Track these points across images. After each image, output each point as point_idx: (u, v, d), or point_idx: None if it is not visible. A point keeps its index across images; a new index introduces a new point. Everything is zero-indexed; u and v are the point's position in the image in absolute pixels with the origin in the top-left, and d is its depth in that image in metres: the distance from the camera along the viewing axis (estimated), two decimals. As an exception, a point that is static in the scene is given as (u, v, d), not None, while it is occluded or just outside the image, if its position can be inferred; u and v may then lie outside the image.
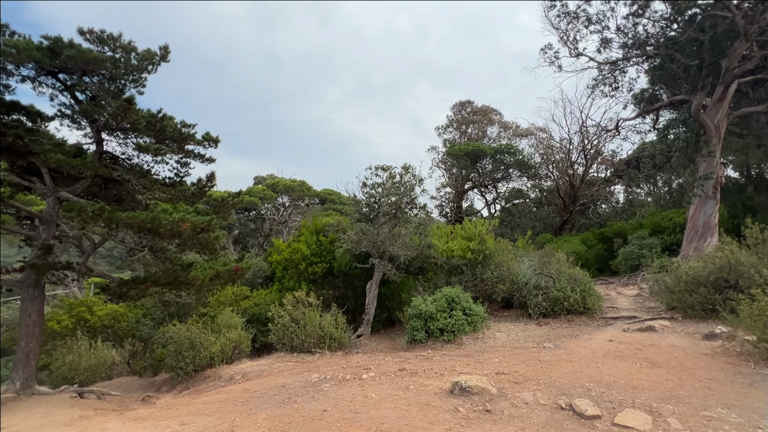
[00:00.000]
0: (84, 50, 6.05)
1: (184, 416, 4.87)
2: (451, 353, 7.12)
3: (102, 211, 5.89)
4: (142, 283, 7.08)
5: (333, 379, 5.61)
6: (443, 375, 5.35)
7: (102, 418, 5.32)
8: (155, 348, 9.50)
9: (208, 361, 7.95)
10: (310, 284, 11.52)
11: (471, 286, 9.97)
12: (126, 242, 8.06)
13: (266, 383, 6.07)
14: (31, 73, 6.43)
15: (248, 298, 11.18)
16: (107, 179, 7.37)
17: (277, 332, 8.45)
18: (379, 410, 4.19)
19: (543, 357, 6.05)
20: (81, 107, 6.63)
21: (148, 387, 8.80)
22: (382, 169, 9.73)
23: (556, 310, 8.81)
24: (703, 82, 12.63)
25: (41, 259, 6.37)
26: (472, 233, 10.85)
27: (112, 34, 6.33)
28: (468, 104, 27.52)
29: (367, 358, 7.32)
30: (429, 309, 7.89)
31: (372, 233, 9.74)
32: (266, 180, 29.44)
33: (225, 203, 7.93)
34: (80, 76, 6.55)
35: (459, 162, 23.61)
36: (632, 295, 10.83)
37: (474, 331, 7.97)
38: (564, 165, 23.69)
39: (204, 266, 7.43)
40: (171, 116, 7.12)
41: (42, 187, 6.77)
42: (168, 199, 7.90)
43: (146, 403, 6.69)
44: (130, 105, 6.21)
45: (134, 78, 6.78)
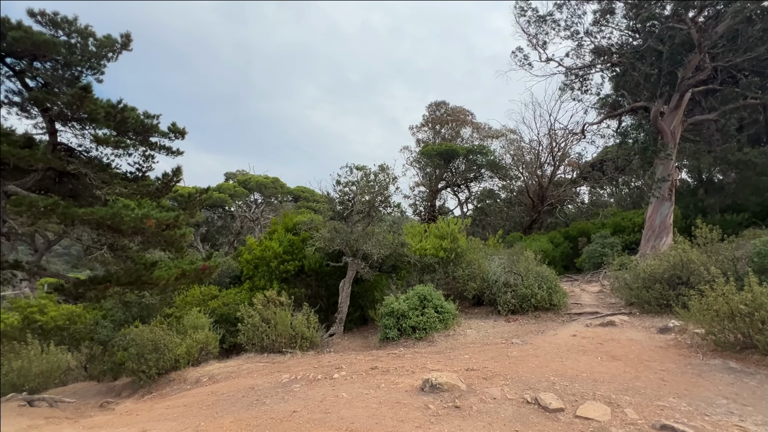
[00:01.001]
0: (34, 33, 5.63)
1: (145, 422, 4.65)
2: (422, 351, 7.19)
3: (56, 206, 5.51)
4: (100, 284, 6.71)
5: (304, 379, 5.53)
6: (414, 372, 5.39)
7: (54, 426, 5.00)
8: (115, 351, 9.02)
9: (173, 363, 7.64)
10: (282, 283, 11.30)
11: (443, 284, 10.10)
12: (83, 240, 7.59)
13: (234, 385, 5.90)
14: (-27, 56, 5.92)
15: (217, 298, 10.83)
16: (62, 173, 6.91)
17: (247, 332, 8.23)
18: (350, 410, 4.16)
19: (511, 353, 6.22)
20: (31, 95, 6.17)
21: (107, 392, 8.36)
22: (357, 168, 9.67)
23: (524, 306, 9.09)
24: (661, 90, 13.39)
25: (-15, 258, 5.90)
26: (444, 232, 11.00)
27: (67, 17, 5.93)
28: (443, 105, 27.88)
29: (339, 357, 7.27)
30: (401, 307, 7.92)
31: (345, 231, 9.67)
32: (237, 176, 28.62)
33: (192, 199, 7.63)
34: (30, 61, 6.10)
35: (433, 161, 23.88)
36: (595, 292, 11.33)
37: (445, 328, 8.08)
38: (533, 166, 24.47)
39: (169, 265, 7.13)
40: (133, 107, 6.77)
41: (-14, 179, 6.26)
42: (130, 195, 7.51)
43: (104, 410, 6.35)
44: (87, 93, 5.85)
45: (92, 65, 6.39)
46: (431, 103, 28.27)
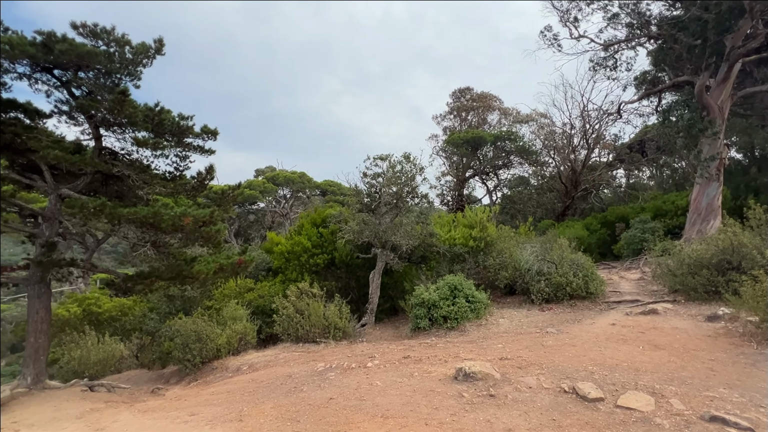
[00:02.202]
0: (77, 44, 5.97)
1: (193, 407, 4.95)
2: (454, 340, 7.18)
3: (104, 207, 5.89)
4: (146, 278, 7.13)
5: (338, 367, 5.68)
6: (447, 361, 5.41)
7: (113, 410, 5.42)
8: (162, 341, 9.61)
9: (215, 352, 8.04)
10: (313, 275, 11.58)
11: (473, 274, 10.00)
12: (129, 238, 8.08)
13: (273, 373, 6.15)
14: (26, 70, 6.36)
15: (252, 291, 11.25)
16: (108, 175, 7.35)
17: (282, 323, 8.53)
18: (384, 397, 4.25)
19: (546, 342, 6.09)
20: (77, 103, 6.58)
21: (157, 379, 8.93)
22: (381, 158, 9.67)
23: (559, 295, 8.85)
24: (707, 62, 12.42)
25: (45, 256, 6.40)
26: (473, 221, 10.84)
27: (105, 27, 6.24)
28: (467, 91, 27.22)
29: (372, 346, 7.39)
30: (432, 297, 7.93)
31: (374, 223, 9.74)
32: (266, 172, 29.37)
33: (226, 196, 7.92)
34: (75, 72, 6.49)
35: (459, 150, 23.45)
36: (635, 279, 10.85)
37: (477, 318, 8.02)
38: (566, 150, 23.52)
39: (208, 260, 7.46)
40: (168, 109, 7.06)
41: (43, 184, 6.77)
42: (169, 194, 7.90)
43: (156, 395, 6.80)
44: (125, 97, 6.15)
45: (129, 71, 6.70)
46: (455, 90, 27.68)
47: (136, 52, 6.63)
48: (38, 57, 5.91)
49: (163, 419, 4.50)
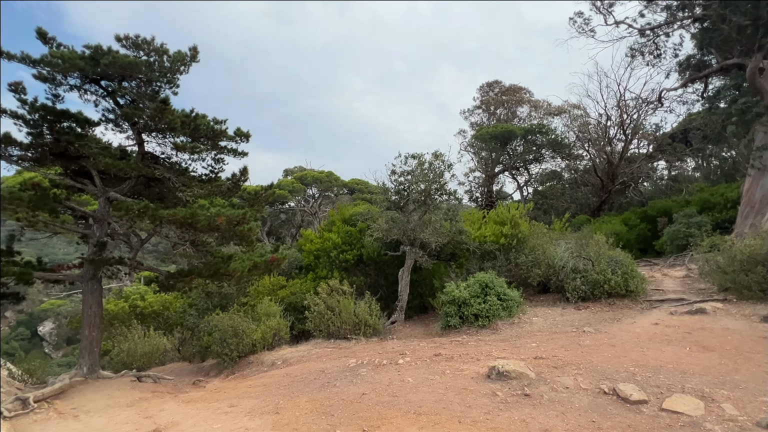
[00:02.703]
0: (121, 56, 6.35)
1: (232, 399, 5.17)
2: (486, 338, 7.07)
3: (147, 209, 6.24)
4: (186, 276, 7.50)
5: (370, 364, 5.74)
6: (479, 360, 5.34)
7: (159, 400, 5.75)
8: (202, 336, 10.07)
9: (251, 347, 8.34)
10: (342, 272, 11.73)
11: (505, 271, 9.80)
12: (170, 237, 8.52)
13: (306, 368, 6.31)
14: (76, 82, 6.83)
15: (285, 288, 11.56)
16: (150, 178, 7.78)
17: (314, 320, 8.71)
18: (417, 394, 4.25)
19: (583, 341, 5.88)
20: (122, 111, 6.99)
21: (198, 372, 9.36)
22: (412, 157, 9.64)
23: (596, 293, 8.51)
24: (760, 43, 11.48)
25: (97, 255, 6.87)
26: (504, 217, 10.61)
27: (146, 38, 6.58)
28: (495, 84, 26.60)
29: (402, 343, 7.41)
30: (462, 295, 7.84)
31: (402, 221, 9.74)
32: (295, 172, 30.01)
33: (258, 196, 8.17)
34: (119, 82, 6.90)
35: (488, 145, 22.97)
36: (679, 277, 10.24)
37: (509, 316, 7.86)
38: (601, 142, 22.50)
39: (242, 258, 7.74)
40: (204, 114, 7.37)
41: (93, 188, 7.25)
42: (205, 195, 8.25)
43: (197, 387, 7.15)
44: (166, 105, 6.48)
45: (168, 79, 7.05)
46: (483, 84, 27.13)
47: (174, 60, 6.96)
48: (87, 69, 6.33)
49: (205, 410, 4.73)
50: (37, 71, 6.46)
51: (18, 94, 6.46)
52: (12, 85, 6.40)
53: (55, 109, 6.74)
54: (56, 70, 6.41)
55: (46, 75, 6.56)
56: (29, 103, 6.53)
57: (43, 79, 6.61)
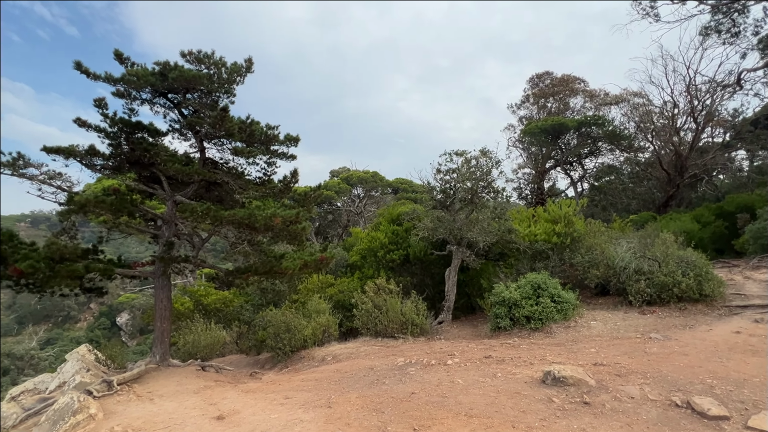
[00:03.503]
0: (185, 70, 6.89)
1: (287, 391, 5.42)
2: (539, 342, 6.78)
3: (209, 210, 6.72)
4: (243, 273, 7.98)
5: (418, 363, 5.74)
6: (533, 364, 5.14)
7: (221, 388, 6.17)
8: (257, 330, 10.66)
9: (302, 343, 8.68)
10: (389, 271, 11.82)
11: (559, 272, 9.32)
12: (228, 237, 9.11)
13: (355, 365, 6.44)
14: (148, 96, 7.52)
15: (333, 286, 11.89)
16: (210, 182, 8.37)
17: (361, 317, 8.87)
18: (467, 396, 4.19)
19: (649, 349, 5.44)
20: (187, 121, 7.59)
21: (254, 364, 9.92)
22: (457, 154, 9.48)
23: (664, 297, 7.82)
24: None
25: (166, 253, 7.52)
26: (557, 215, 10.10)
27: (207, 53, 7.09)
28: (546, 75, 25.33)
29: (450, 344, 7.32)
30: (513, 296, 7.58)
31: (448, 220, 9.62)
32: (341, 173, 30.72)
33: (308, 197, 8.47)
34: (184, 94, 7.50)
35: (537, 140, 21.94)
36: (765, 280, 9.11)
37: (565, 319, 7.47)
38: (667, 132, 20.60)
39: (294, 256, 8.08)
40: (258, 121, 7.79)
41: (162, 192, 7.95)
42: (260, 197, 8.71)
43: (254, 378, 7.58)
44: (226, 113, 6.95)
45: (226, 90, 7.53)
46: (532, 75, 25.93)
47: (231, 71, 7.42)
48: (157, 84, 6.95)
49: (263, 400, 5.00)
50: (115, 89, 7.21)
51: (101, 110, 7.25)
52: (96, 101, 7.20)
53: (131, 122, 7.48)
54: (132, 87, 7.12)
55: (123, 91, 7.30)
56: (110, 118, 7.30)
57: (120, 95, 7.37)
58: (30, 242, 6.32)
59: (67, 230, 7.17)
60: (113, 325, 48.01)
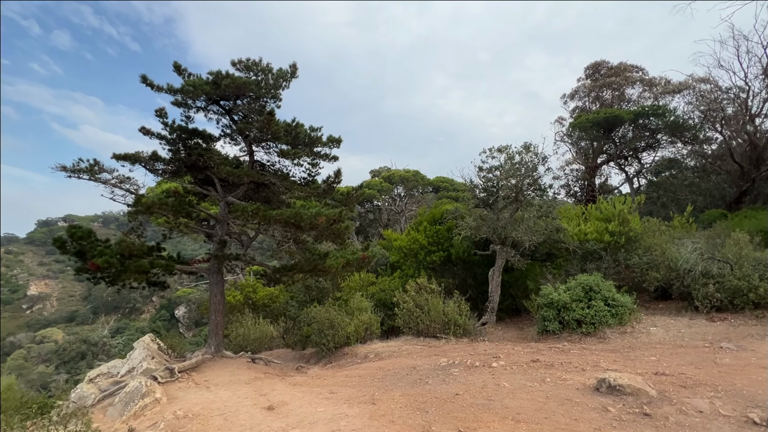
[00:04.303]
0: (236, 78, 7.29)
1: (332, 386, 5.56)
2: (591, 347, 6.41)
3: (258, 210, 7.06)
4: (290, 270, 8.29)
5: (461, 364, 5.65)
6: (585, 370, 4.88)
7: (270, 380, 6.46)
8: (302, 326, 11.04)
9: (345, 339, 8.86)
10: (430, 271, 11.74)
11: (613, 274, 8.76)
12: (275, 236, 9.51)
13: (397, 363, 6.47)
14: (202, 104, 8.05)
15: (374, 284, 12.01)
16: (258, 183, 8.78)
17: (403, 316, 8.88)
18: (514, 400, 4.06)
19: (720, 359, 4.96)
20: (237, 126, 8.02)
21: (299, 358, 10.28)
22: (499, 150, 9.20)
23: (737, 302, 7.09)
24: None
25: (220, 251, 8.01)
26: (610, 213, 9.49)
27: (255, 60, 7.45)
28: (601, 65, 23.80)
29: (495, 346, 7.13)
30: (562, 298, 7.23)
31: (492, 219, 9.37)
32: (381, 172, 30.93)
33: (350, 196, 8.63)
34: (234, 101, 7.93)
35: (588, 134, 20.70)
36: None
37: (620, 324, 7.00)
38: (740, 120, 18.59)
39: (336, 255, 8.27)
40: (302, 123, 8.06)
41: (215, 194, 8.46)
42: (304, 197, 9.00)
43: (300, 372, 7.85)
44: (272, 117, 7.26)
45: (272, 95, 7.87)
46: (587, 65, 24.48)
47: (277, 77, 7.74)
48: (211, 92, 7.41)
49: (309, 393, 5.17)
50: (174, 98, 7.79)
51: (161, 118, 7.86)
52: (157, 111, 7.81)
53: (187, 129, 8.03)
54: (188, 96, 7.64)
55: (181, 101, 7.87)
56: (169, 125, 7.90)
57: (178, 104, 7.94)
58: (104, 240, 7.00)
59: (134, 229, 7.85)
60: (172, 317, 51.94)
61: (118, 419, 4.79)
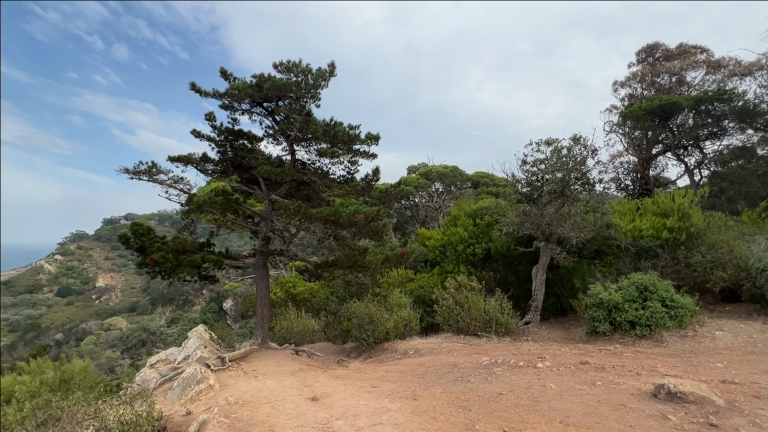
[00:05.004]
0: (277, 80, 7.54)
1: (373, 380, 5.64)
2: (647, 351, 6.01)
3: (300, 208, 7.27)
4: (330, 266, 8.48)
5: (504, 364, 5.51)
6: (640, 375, 4.58)
7: (313, 372, 6.66)
8: (342, 320, 11.27)
9: (384, 335, 8.94)
10: (470, 266, 11.52)
11: (671, 273, 8.13)
12: (315, 232, 9.76)
13: (438, 360, 6.43)
14: (247, 107, 8.40)
15: (413, 281, 12.00)
16: (300, 182, 9.04)
17: (443, 313, 8.80)
18: (562, 402, 3.90)
19: (801, 369, 4.46)
20: (279, 127, 8.30)
21: (340, 352, 10.51)
22: (546, 143, 8.81)
23: (821, 307, 6.33)
24: None
25: (265, 247, 8.35)
26: (668, 208, 8.80)
27: (295, 62, 7.65)
28: (657, 48, 22.04)
29: (539, 346, 6.88)
30: (613, 298, 6.82)
31: (535, 214, 9.01)
32: (419, 169, 30.72)
33: (388, 194, 8.65)
34: (276, 102, 8.20)
35: (642, 123, 19.27)
36: None
37: (680, 327, 6.49)
38: (824, 102, 16.47)
39: (375, 251, 8.35)
40: (340, 122, 8.18)
41: (260, 192, 8.82)
42: (343, 195, 9.15)
43: (341, 365, 8.02)
44: (310, 117, 7.43)
45: (312, 95, 8.05)
46: (640, 49, 22.75)
47: (316, 77, 7.90)
48: (254, 95, 7.72)
49: (351, 386, 5.27)
50: (221, 102, 8.19)
51: (210, 122, 8.31)
52: (207, 115, 8.27)
53: (234, 130, 8.43)
54: (234, 99, 8.01)
55: (228, 104, 8.26)
56: (217, 128, 8.33)
57: (225, 108, 8.35)
58: (162, 237, 7.53)
59: (187, 226, 8.38)
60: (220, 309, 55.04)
61: (176, 402, 5.15)
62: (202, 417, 4.14)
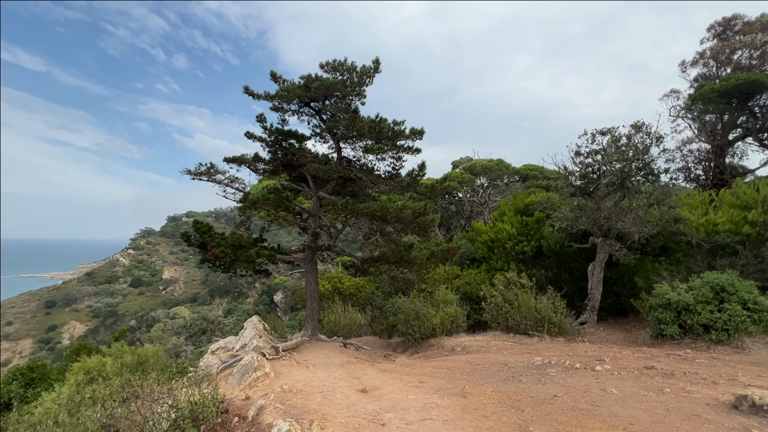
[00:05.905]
0: (324, 79, 7.72)
1: (420, 375, 5.64)
2: (724, 357, 5.45)
3: (347, 204, 7.43)
4: (377, 261, 8.59)
5: (559, 365, 5.27)
6: (717, 383, 4.17)
7: (361, 365, 6.81)
8: (388, 315, 11.38)
9: (431, 331, 8.90)
10: (519, 264, 11.11)
11: (753, 272, 7.29)
12: (361, 228, 9.91)
13: (487, 359, 6.29)
14: (295, 107, 8.70)
15: (459, 277, 11.82)
16: (346, 179, 9.22)
17: (491, 311, 8.59)
18: (624, 408, 3.66)
19: None
20: (326, 125, 8.50)
21: (387, 346, 10.63)
22: (602, 133, 8.24)
23: None
24: None
25: (313, 242, 8.63)
26: (750, 199, 7.88)
27: (340, 61, 7.78)
28: (735, 21, 19.69)
29: (597, 348, 6.49)
30: (684, 299, 6.25)
31: (591, 208, 8.48)
32: (462, 163, 30.05)
33: (435, 189, 8.57)
34: (323, 101, 8.41)
35: (715, 106, 17.34)
36: None
37: (765, 332, 5.81)
38: None
39: (421, 247, 8.32)
40: (385, 118, 8.21)
41: (308, 189, 9.12)
42: (389, 191, 9.20)
43: (387, 359, 8.12)
44: (356, 115, 7.54)
45: (357, 92, 8.14)
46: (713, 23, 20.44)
47: (361, 74, 7.98)
48: (302, 96, 7.96)
49: (399, 381, 5.32)
50: (272, 104, 8.55)
51: (261, 123, 8.70)
52: (258, 117, 8.67)
53: (283, 131, 8.77)
54: (283, 101, 8.32)
55: (277, 105, 8.61)
56: (268, 129, 8.71)
57: (275, 109, 8.70)
58: (220, 233, 8.05)
59: (243, 223, 8.88)
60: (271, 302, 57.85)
61: (236, 387, 5.52)
62: (260, 402, 4.39)
